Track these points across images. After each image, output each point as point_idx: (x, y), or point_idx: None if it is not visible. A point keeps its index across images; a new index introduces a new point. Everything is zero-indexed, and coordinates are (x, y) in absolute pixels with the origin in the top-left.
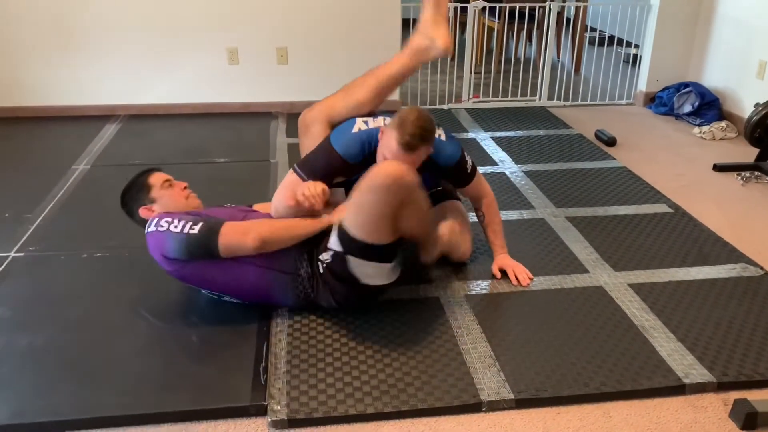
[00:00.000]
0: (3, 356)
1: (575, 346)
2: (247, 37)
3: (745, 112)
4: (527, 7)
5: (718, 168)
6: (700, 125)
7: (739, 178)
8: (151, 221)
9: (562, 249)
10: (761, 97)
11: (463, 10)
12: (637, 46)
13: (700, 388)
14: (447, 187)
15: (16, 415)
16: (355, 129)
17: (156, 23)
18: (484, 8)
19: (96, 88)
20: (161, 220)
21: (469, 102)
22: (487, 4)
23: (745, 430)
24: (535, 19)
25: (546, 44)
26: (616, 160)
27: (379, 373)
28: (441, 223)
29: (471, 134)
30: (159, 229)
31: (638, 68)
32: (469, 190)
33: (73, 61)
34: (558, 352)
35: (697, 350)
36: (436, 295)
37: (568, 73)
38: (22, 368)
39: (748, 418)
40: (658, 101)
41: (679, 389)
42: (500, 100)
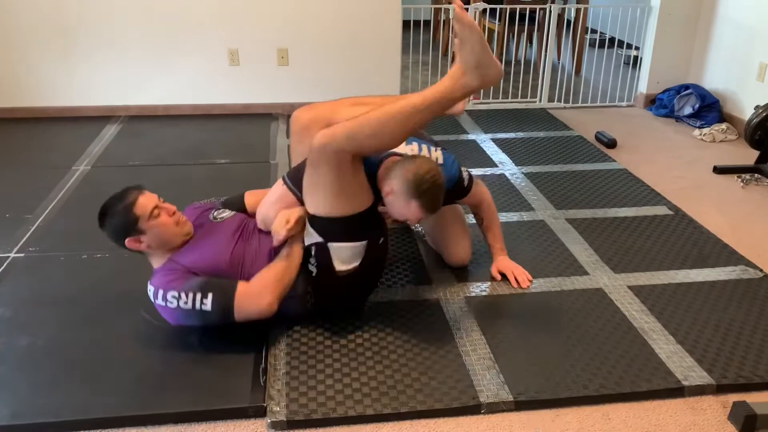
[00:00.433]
0: (3, 357)
1: (574, 348)
2: (248, 38)
3: (746, 114)
4: (528, 9)
5: (719, 170)
6: (700, 127)
7: (740, 180)
8: (156, 291)
9: (561, 251)
10: (761, 100)
11: None
12: (637, 47)
13: (699, 391)
14: None
15: (16, 415)
16: None
17: (157, 24)
18: (484, 10)
19: (96, 88)
20: (166, 293)
21: (470, 103)
22: (487, 5)
23: None
24: (536, 21)
25: (546, 46)
26: (617, 162)
27: (378, 375)
28: (455, 248)
29: (471, 136)
30: (169, 305)
31: (639, 70)
32: (468, 200)
33: (74, 61)
34: (557, 354)
35: (697, 352)
36: (436, 297)
37: (569, 74)
38: (22, 369)
39: (747, 421)
40: (659, 103)
41: (678, 391)
42: (500, 102)
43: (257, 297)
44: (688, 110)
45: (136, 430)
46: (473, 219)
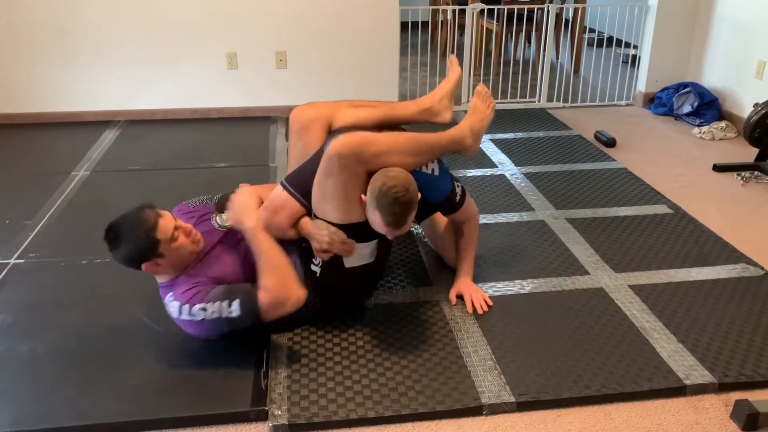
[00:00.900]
0: (3, 363)
1: (576, 348)
2: (246, 41)
3: (745, 112)
4: (526, 9)
5: (718, 168)
6: (699, 125)
7: (739, 178)
8: (180, 308)
9: (562, 251)
10: (760, 97)
11: (462, 12)
12: (636, 46)
13: (701, 389)
14: None
15: (16, 421)
16: None
17: (155, 28)
18: (482, 10)
19: (95, 93)
20: (192, 307)
21: (468, 104)
22: (485, 6)
23: (747, 431)
24: (534, 21)
25: (545, 46)
26: (616, 161)
27: (379, 377)
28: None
29: None
30: (193, 318)
31: (637, 69)
32: (455, 217)
33: (72, 67)
34: (559, 355)
35: (698, 351)
36: (437, 299)
37: (567, 74)
38: (22, 375)
39: (749, 419)
40: (658, 102)
41: (680, 390)
42: (499, 102)
43: (281, 299)
44: (687, 108)
45: None
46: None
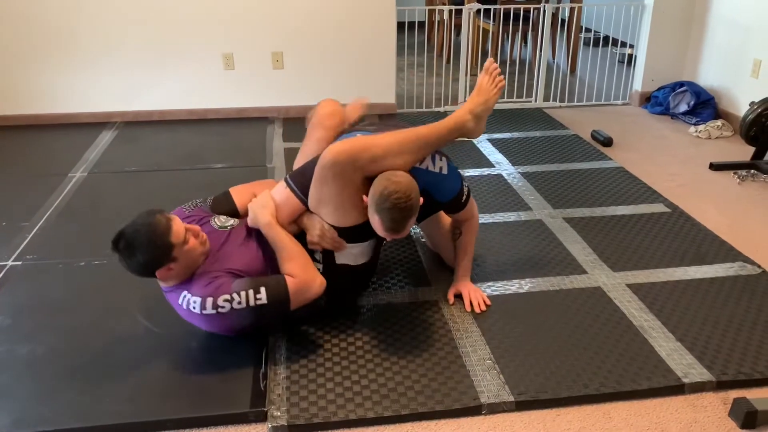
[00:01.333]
0: (2, 365)
1: (574, 347)
2: (243, 42)
3: (741, 110)
4: (522, 9)
5: (715, 167)
6: (696, 124)
7: (736, 176)
8: (203, 302)
9: (560, 250)
10: (756, 96)
11: (458, 12)
12: (632, 46)
13: (700, 388)
14: None
15: (17, 423)
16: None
17: (151, 30)
18: (478, 10)
19: (91, 95)
20: (217, 299)
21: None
22: (481, 6)
23: (745, 429)
24: (530, 21)
25: (541, 45)
26: (613, 161)
27: (378, 377)
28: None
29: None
30: (220, 311)
31: (633, 68)
32: (458, 216)
33: (69, 68)
34: (557, 354)
35: (696, 350)
36: (435, 299)
37: (564, 74)
38: (22, 377)
39: (747, 417)
40: (654, 101)
41: (678, 389)
42: (496, 102)
43: (308, 282)
44: (683, 107)
45: None
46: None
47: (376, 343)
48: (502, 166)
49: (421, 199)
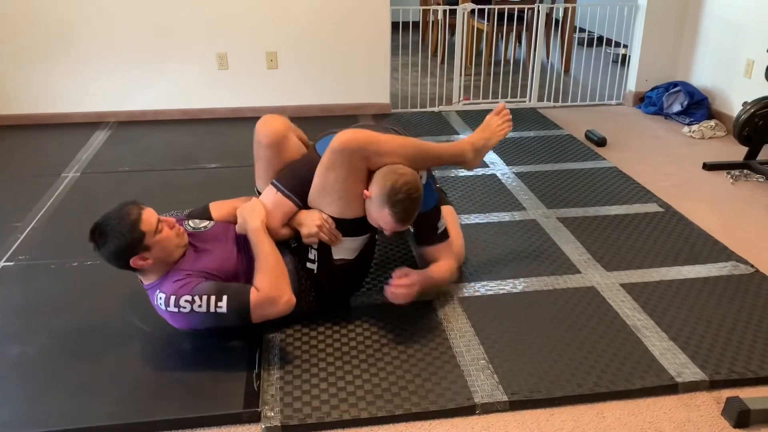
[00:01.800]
0: None
1: (568, 347)
2: (237, 41)
3: (734, 110)
4: (516, 9)
5: (708, 167)
6: (689, 124)
7: (729, 176)
8: (167, 299)
9: (553, 250)
10: (749, 96)
11: (452, 12)
12: (625, 46)
13: (693, 387)
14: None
15: (7, 425)
16: None
17: (145, 29)
18: (473, 10)
19: (85, 94)
20: (179, 299)
21: (460, 104)
22: (476, 6)
23: (738, 428)
24: (524, 21)
25: (535, 45)
26: (607, 161)
27: (372, 378)
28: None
29: (462, 136)
30: (181, 310)
31: (627, 68)
32: (435, 253)
33: (62, 67)
34: (551, 354)
35: (689, 349)
36: (429, 299)
37: (558, 74)
38: (12, 378)
39: (740, 416)
40: (648, 101)
41: (671, 388)
42: (490, 102)
43: (274, 298)
44: (676, 107)
45: None
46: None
47: (369, 343)
48: (497, 166)
49: None
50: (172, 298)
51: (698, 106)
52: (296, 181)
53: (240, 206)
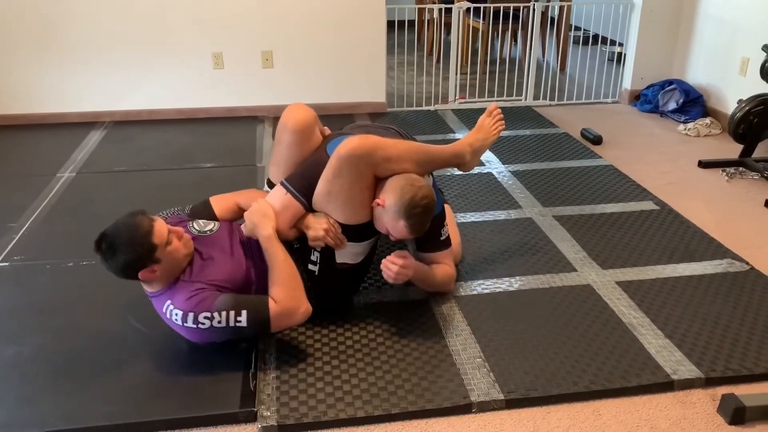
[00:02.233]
0: None
1: (564, 345)
2: (232, 41)
3: (729, 108)
4: (511, 8)
5: (704, 164)
6: (684, 122)
7: (724, 174)
8: (185, 315)
9: (549, 248)
10: (744, 94)
11: (448, 11)
12: (621, 44)
13: (689, 384)
14: None
15: (4, 426)
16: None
17: (140, 29)
18: (468, 9)
19: (80, 94)
20: (198, 315)
21: (456, 103)
22: (471, 4)
23: (734, 425)
24: (520, 19)
25: (531, 44)
26: (602, 159)
27: (369, 377)
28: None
29: (458, 135)
30: (200, 326)
31: (623, 66)
32: (435, 259)
33: (57, 67)
34: (547, 352)
35: (685, 346)
36: (425, 298)
37: (554, 72)
38: (9, 379)
39: (736, 413)
40: (643, 99)
41: (667, 386)
42: (486, 101)
43: (292, 309)
44: (672, 105)
45: None
46: (461, 216)
47: (366, 342)
48: (493, 164)
49: None
50: (191, 315)
51: (693, 104)
52: (305, 182)
53: (248, 208)
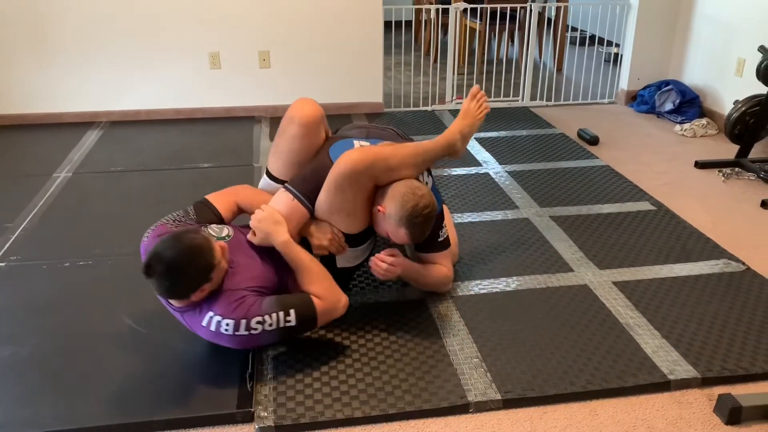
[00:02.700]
0: None
1: (561, 345)
2: (229, 41)
3: (725, 109)
4: (508, 8)
5: (700, 165)
6: (681, 123)
7: (721, 174)
8: (237, 324)
9: (546, 248)
10: (740, 94)
11: (445, 11)
12: (618, 45)
13: (685, 384)
14: None
15: (0, 427)
16: (357, 146)
17: (137, 28)
18: (465, 9)
19: (77, 94)
20: (250, 321)
21: (453, 103)
22: (468, 5)
23: (730, 425)
24: (517, 20)
25: (528, 44)
26: (599, 159)
27: (366, 377)
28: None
29: None
30: (252, 332)
31: (619, 67)
32: (432, 259)
33: (54, 67)
34: (544, 352)
35: (682, 346)
36: (422, 298)
37: (550, 72)
38: (5, 379)
39: (732, 413)
40: (640, 99)
41: (664, 386)
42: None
43: (334, 304)
44: (668, 106)
45: None
46: (458, 216)
47: (363, 342)
48: (489, 164)
49: None
50: (243, 322)
51: (690, 104)
52: (310, 187)
53: (248, 209)
